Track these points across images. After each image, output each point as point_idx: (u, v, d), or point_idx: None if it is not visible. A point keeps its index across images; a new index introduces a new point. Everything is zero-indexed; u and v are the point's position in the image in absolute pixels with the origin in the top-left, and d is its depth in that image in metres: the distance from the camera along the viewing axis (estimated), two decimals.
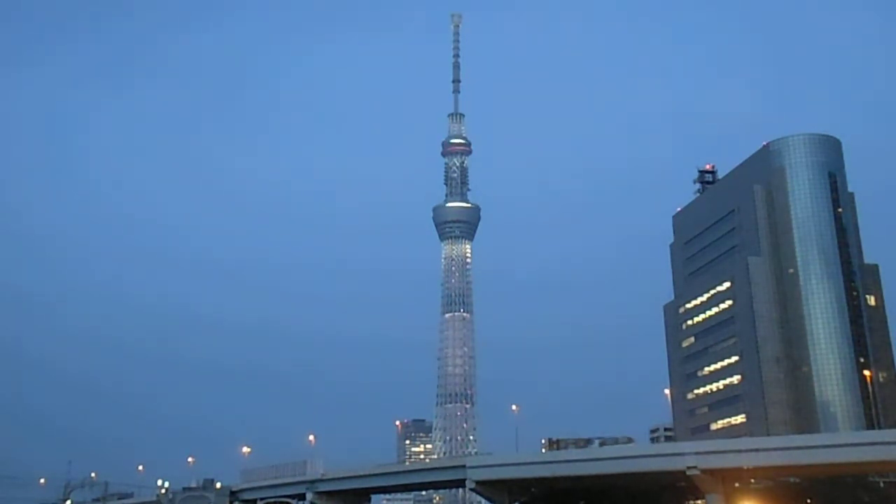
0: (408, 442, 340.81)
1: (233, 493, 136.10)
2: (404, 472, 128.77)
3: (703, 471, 75.05)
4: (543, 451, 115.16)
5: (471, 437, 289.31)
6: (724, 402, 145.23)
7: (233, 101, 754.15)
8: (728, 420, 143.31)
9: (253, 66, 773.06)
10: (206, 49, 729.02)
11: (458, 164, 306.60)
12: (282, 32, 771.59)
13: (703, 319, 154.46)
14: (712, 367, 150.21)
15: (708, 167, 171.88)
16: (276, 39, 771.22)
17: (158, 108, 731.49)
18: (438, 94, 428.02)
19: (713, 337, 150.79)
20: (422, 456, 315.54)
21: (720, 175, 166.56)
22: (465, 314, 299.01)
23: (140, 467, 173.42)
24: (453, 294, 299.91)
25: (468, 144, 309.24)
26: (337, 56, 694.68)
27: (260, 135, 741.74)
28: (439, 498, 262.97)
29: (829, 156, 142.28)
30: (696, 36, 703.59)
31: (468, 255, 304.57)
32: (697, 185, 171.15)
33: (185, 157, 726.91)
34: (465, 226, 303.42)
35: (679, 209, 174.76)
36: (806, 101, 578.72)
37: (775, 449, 76.53)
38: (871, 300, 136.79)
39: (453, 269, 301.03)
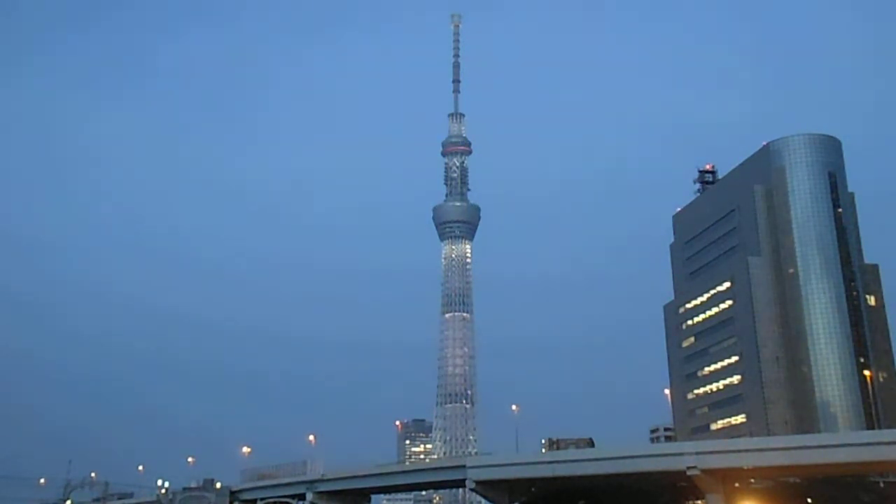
0: (408, 442, 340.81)
1: (233, 493, 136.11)
2: (404, 472, 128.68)
3: (704, 471, 75.07)
4: (543, 451, 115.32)
5: (471, 437, 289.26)
6: (724, 402, 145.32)
7: (230, 101, 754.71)
8: (728, 420, 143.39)
9: (251, 66, 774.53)
10: (205, 50, 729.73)
11: (458, 164, 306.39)
12: (280, 32, 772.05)
13: (703, 319, 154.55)
14: (712, 367, 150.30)
15: (708, 167, 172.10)
16: (274, 39, 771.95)
17: (156, 110, 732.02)
18: (438, 94, 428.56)
19: (713, 337, 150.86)
20: (422, 456, 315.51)
21: (720, 175, 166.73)
22: (465, 314, 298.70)
23: (140, 467, 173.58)
24: (453, 294, 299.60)
25: (468, 144, 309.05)
26: (336, 56, 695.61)
27: (258, 135, 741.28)
28: (439, 498, 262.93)
29: (829, 156, 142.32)
30: (696, 36, 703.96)
31: (468, 255, 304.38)
32: (697, 185, 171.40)
33: (183, 158, 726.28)
34: (465, 226, 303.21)
35: (679, 209, 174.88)
36: (805, 101, 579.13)
37: (775, 449, 76.52)
38: (871, 300, 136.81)
39: (453, 269, 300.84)
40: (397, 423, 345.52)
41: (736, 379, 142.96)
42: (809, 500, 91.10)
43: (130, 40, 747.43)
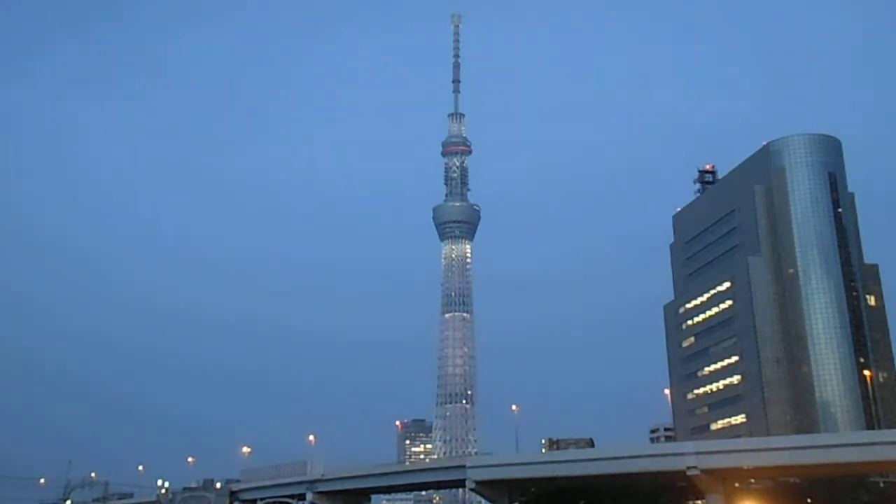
0: (408, 442, 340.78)
1: (233, 493, 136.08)
2: (404, 472, 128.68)
3: (704, 471, 75.06)
4: (543, 451, 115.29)
5: (471, 437, 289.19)
6: (724, 402, 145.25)
7: (232, 101, 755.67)
8: (728, 420, 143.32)
9: (252, 66, 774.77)
10: (206, 50, 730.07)
11: (458, 164, 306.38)
12: (281, 32, 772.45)
13: (703, 319, 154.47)
14: (712, 367, 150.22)
15: (708, 167, 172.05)
16: (275, 39, 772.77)
17: (158, 110, 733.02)
18: (438, 94, 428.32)
19: (713, 337, 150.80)
20: (422, 456, 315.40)
21: (720, 175, 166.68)
22: (465, 314, 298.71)
23: (140, 467, 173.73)
24: (453, 294, 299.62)
25: (468, 144, 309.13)
26: (337, 56, 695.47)
27: (259, 135, 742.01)
28: (439, 498, 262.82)
29: (829, 156, 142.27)
30: (695, 36, 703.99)
31: (468, 255, 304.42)
32: (697, 185, 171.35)
33: (184, 158, 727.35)
34: (465, 226, 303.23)
35: (679, 209, 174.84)
36: (805, 101, 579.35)
37: (775, 449, 76.51)
38: (871, 300, 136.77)
39: (453, 269, 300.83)
40: (397, 423, 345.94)
41: (736, 379, 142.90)
42: (809, 500, 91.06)
43: (132, 41, 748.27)
